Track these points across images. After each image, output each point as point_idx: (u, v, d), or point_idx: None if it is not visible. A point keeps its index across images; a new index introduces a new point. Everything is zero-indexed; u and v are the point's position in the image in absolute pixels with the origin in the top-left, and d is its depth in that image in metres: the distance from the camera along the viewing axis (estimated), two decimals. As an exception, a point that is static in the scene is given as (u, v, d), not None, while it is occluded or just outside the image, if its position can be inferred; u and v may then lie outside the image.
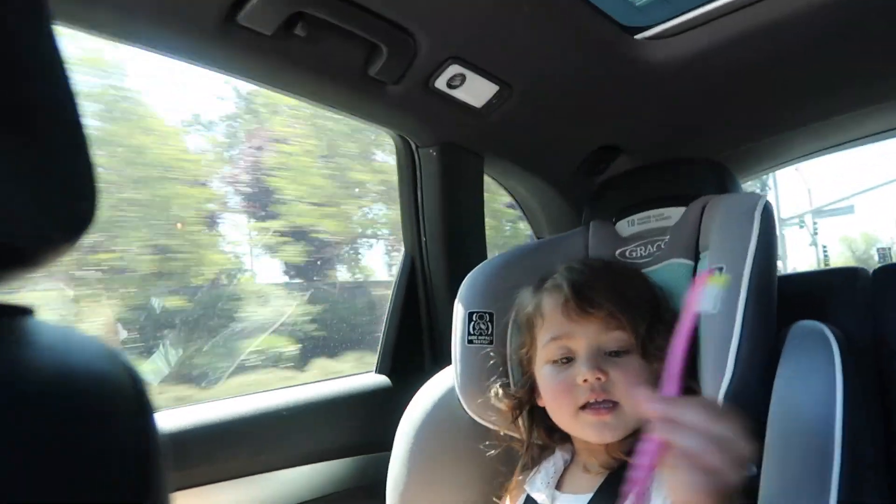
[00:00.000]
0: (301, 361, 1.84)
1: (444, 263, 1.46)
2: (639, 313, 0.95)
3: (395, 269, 1.52)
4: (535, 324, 1.04)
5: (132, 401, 0.34)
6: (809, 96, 1.48)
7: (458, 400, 1.15)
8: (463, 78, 1.24)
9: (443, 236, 1.46)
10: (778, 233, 1.00)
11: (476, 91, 1.28)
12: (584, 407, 0.94)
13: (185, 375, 1.50)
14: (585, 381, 0.92)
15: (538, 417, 1.06)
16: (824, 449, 0.74)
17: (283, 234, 2.09)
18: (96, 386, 0.33)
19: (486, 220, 1.54)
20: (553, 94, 1.36)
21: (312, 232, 2.19)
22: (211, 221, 1.95)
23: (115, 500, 0.31)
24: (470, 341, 1.15)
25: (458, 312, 1.17)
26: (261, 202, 2.03)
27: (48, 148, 0.38)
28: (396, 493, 1.14)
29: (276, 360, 1.73)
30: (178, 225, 1.54)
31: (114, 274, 1.50)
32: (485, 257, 1.50)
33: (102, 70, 1.59)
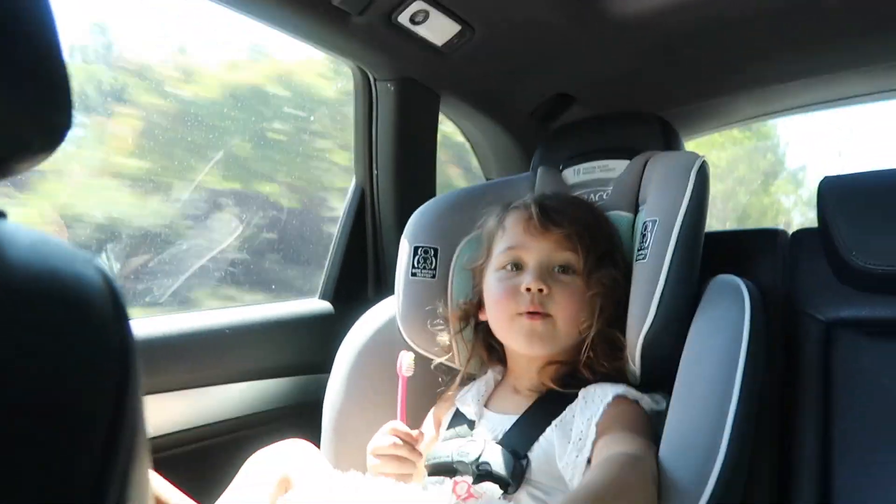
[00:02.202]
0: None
1: (394, 197, 1.49)
2: (593, 243, 1.03)
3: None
4: (494, 236, 1.11)
5: (110, 301, 0.36)
6: (757, 62, 1.53)
7: (399, 329, 1.20)
8: (426, 14, 1.24)
9: (394, 170, 1.48)
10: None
11: (438, 29, 1.28)
12: (520, 313, 1.01)
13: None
14: (528, 289, 1.00)
15: (481, 332, 1.13)
16: (725, 388, 0.81)
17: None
18: (78, 286, 0.36)
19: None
20: (514, 39, 1.38)
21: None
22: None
23: (101, 392, 0.34)
24: (413, 274, 1.19)
25: (404, 246, 1.21)
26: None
27: (26, 62, 0.39)
28: (334, 411, 1.20)
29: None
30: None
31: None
32: (434, 194, 1.53)
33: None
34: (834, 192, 1.08)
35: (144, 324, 1.17)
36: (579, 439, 0.91)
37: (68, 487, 0.32)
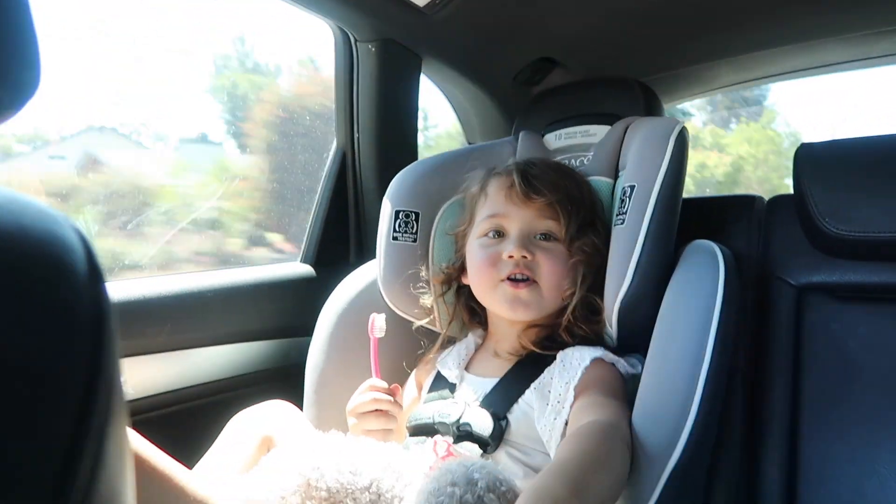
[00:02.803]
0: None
1: (375, 160, 1.48)
2: (575, 210, 1.04)
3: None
4: (477, 202, 1.11)
5: (84, 260, 0.36)
6: (738, 28, 1.53)
7: (380, 292, 1.21)
8: (408, -26, 1.22)
9: (375, 133, 1.47)
10: (689, 157, 1.07)
11: (420, -11, 1.27)
12: (503, 280, 1.02)
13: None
14: (511, 256, 1.01)
15: (462, 296, 1.15)
16: (697, 351, 0.83)
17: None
18: (51, 245, 0.35)
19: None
20: (498, 1, 1.36)
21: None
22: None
23: (75, 352, 0.34)
24: (395, 238, 1.20)
25: (386, 209, 1.21)
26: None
27: None
28: (315, 373, 1.21)
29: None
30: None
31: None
32: (415, 158, 1.52)
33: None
34: (809, 159, 1.09)
35: (126, 286, 1.16)
36: (557, 402, 0.94)
37: (44, 444, 0.32)
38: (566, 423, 0.91)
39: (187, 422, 1.23)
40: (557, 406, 0.93)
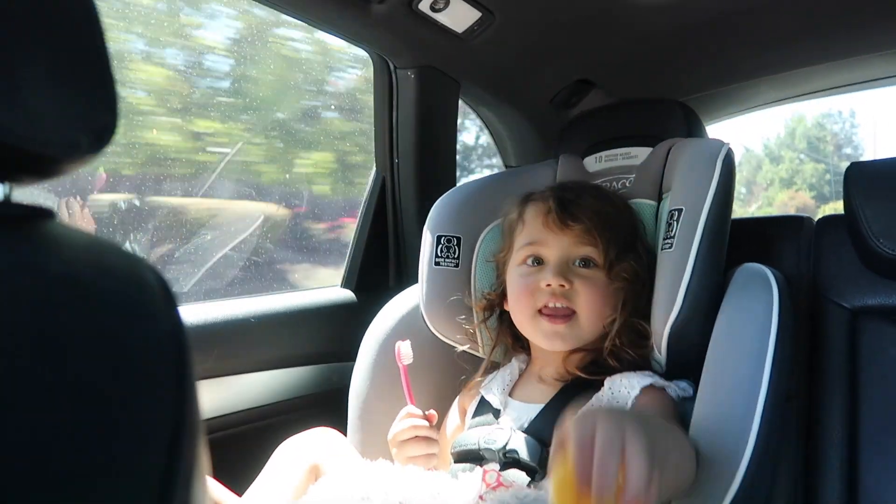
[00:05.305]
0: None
1: (415, 185, 1.49)
2: (614, 236, 1.02)
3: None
4: (515, 229, 1.11)
5: (162, 297, 0.37)
6: (778, 47, 1.52)
7: (422, 317, 1.20)
8: (447, 2, 1.23)
9: (415, 158, 1.48)
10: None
11: (458, 16, 1.28)
12: (542, 311, 1.02)
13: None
14: (549, 285, 1.00)
15: (505, 321, 1.14)
16: (754, 375, 0.82)
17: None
18: (132, 283, 0.36)
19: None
20: (534, 25, 1.37)
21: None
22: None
23: (157, 385, 0.35)
24: (437, 263, 1.20)
25: (427, 235, 1.22)
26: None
27: (72, 61, 0.39)
28: (359, 400, 1.21)
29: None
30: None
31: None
32: (454, 182, 1.53)
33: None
34: (861, 179, 1.07)
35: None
36: None
37: (135, 488, 0.32)
38: None
39: (233, 447, 1.23)
40: None
